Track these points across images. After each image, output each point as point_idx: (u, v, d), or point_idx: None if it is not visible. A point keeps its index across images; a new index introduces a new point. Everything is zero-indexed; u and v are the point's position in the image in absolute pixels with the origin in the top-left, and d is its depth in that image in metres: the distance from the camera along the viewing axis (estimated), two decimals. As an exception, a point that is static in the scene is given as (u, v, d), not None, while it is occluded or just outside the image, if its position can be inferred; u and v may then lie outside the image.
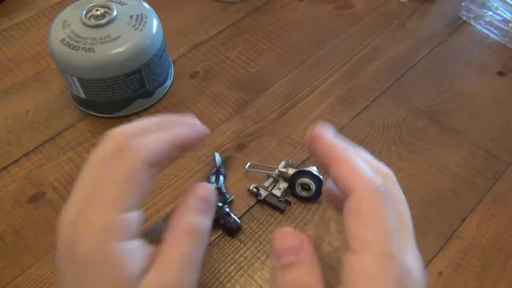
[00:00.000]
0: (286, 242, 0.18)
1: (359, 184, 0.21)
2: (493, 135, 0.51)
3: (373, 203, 0.21)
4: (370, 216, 0.21)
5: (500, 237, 0.43)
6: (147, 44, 0.50)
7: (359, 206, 0.21)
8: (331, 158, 0.23)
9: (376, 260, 0.20)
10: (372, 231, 0.20)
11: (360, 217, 0.21)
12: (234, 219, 0.44)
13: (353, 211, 0.21)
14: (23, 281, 0.42)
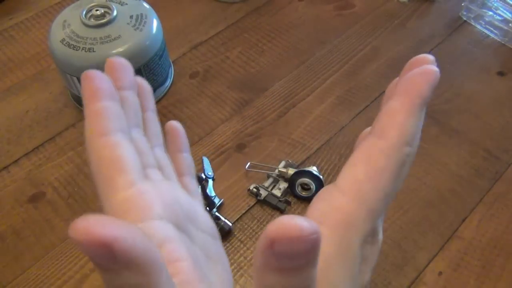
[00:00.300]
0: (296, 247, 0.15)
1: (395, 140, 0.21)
2: (493, 135, 0.51)
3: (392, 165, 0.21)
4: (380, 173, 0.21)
5: (500, 237, 0.43)
6: (147, 44, 0.50)
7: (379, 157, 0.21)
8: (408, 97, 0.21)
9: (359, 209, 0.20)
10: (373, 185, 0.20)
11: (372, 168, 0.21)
12: (225, 222, 0.44)
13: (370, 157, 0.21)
14: (23, 281, 0.42)
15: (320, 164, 0.49)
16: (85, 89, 0.22)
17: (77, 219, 0.14)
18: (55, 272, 0.42)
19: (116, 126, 0.22)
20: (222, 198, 0.46)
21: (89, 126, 0.22)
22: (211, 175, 0.47)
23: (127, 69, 0.25)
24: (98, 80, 0.22)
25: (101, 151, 0.21)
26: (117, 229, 0.14)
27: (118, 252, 0.14)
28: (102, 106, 0.22)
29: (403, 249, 0.43)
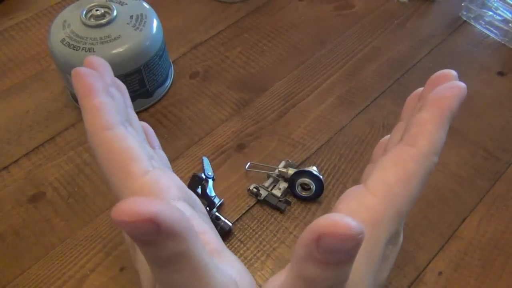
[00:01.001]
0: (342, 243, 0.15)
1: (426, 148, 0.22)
2: (493, 135, 0.51)
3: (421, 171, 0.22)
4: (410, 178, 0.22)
5: (500, 237, 0.43)
6: (147, 44, 0.50)
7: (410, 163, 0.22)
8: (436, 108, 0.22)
9: (387, 209, 0.21)
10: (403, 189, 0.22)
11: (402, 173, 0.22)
12: (225, 222, 0.44)
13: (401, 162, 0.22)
14: (23, 281, 0.42)
15: (320, 164, 0.49)
16: (79, 86, 0.23)
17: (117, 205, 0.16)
18: (55, 272, 0.42)
19: (118, 120, 0.23)
20: (222, 198, 0.46)
21: (92, 121, 0.22)
22: (211, 175, 0.47)
23: (107, 67, 0.27)
24: (91, 77, 0.23)
25: (111, 144, 0.22)
26: (157, 205, 0.16)
27: (162, 224, 0.16)
28: (101, 101, 0.23)
29: (403, 249, 0.43)
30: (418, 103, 0.25)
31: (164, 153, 0.32)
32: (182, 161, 0.50)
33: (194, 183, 0.43)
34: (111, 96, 0.24)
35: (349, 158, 0.49)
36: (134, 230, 0.16)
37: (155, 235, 0.16)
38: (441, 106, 0.22)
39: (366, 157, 0.49)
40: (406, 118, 0.26)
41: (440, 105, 0.22)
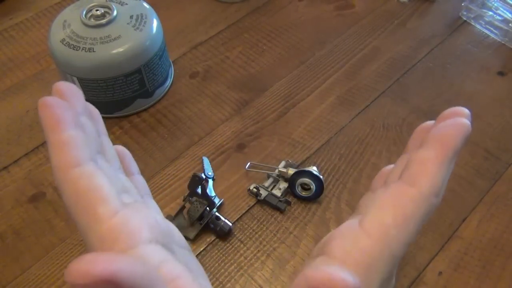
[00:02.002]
0: None
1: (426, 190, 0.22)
2: (493, 135, 0.51)
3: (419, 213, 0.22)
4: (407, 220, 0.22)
5: (500, 237, 0.43)
6: (147, 44, 0.50)
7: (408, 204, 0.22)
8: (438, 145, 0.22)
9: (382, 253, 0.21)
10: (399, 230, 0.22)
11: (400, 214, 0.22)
12: (225, 222, 0.44)
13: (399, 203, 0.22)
14: (23, 281, 0.42)
15: (320, 164, 0.49)
16: (46, 118, 0.21)
17: (70, 264, 0.14)
18: (55, 272, 0.42)
19: (86, 155, 0.21)
20: (222, 198, 0.46)
21: (58, 158, 0.21)
22: (211, 175, 0.47)
23: (79, 94, 0.24)
24: (59, 108, 0.21)
25: (77, 183, 0.21)
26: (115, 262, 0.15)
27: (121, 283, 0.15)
28: (68, 136, 0.21)
29: (403, 249, 0.43)
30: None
31: (142, 178, 0.30)
32: (182, 161, 0.50)
33: (194, 183, 0.43)
34: (82, 127, 0.23)
35: (349, 158, 0.49)
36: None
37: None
38: (444, 144, 0.21)
39: (366, 157, 0.50)
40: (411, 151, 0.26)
41: (443, 143, 0.21)
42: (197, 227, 0.44)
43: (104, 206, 0.20)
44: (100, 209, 0.20)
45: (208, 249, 0.43)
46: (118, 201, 0.21)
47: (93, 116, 0.26)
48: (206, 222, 0.44)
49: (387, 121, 0.53)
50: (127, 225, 0.20)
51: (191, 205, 0.44)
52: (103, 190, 0.21)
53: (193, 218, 0.44)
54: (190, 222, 0.44)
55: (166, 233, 0.23)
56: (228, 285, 0.41)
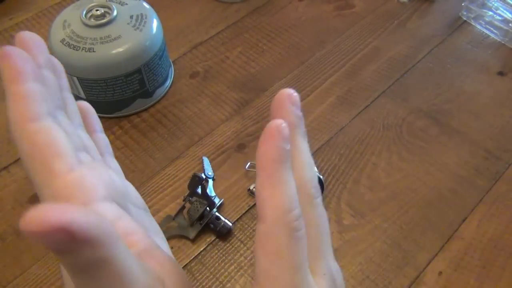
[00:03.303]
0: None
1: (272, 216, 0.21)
2: (493, 135, 0.51)
3: (282, 239, 0.21)
4: (277, 253, 0.21)
5: (500, 237, 0.43)
6: (147, 44, 0.50)
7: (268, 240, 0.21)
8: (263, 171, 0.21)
9: None
10: (277, 268, 0.20)
11: (267, 252, 0.21)
12: (225, 222, 0.44)
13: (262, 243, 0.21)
14: (23, 281, 0.42)
15: (320, 164, 0.49)
16: (5, 69, 0.21)
17: (26, 212, 0.15)
18: (55, 272, 0.42)
19: (45, 110, 0.21)
20: (222, 198, 0.46)
21: (16, 111, 0.21)
22: (211, 175, 0.47)
23: (42, 46, 0.24)
24: (20, 59, 0.21)
25: (33, 137, 0.20)
26: (70, 212, 0.15)
27: (77, 232, 0.15)
28: (28, 89, 0.21)
29: (403, 249, 0.43)
30: None
31: (105, 136, 0.30)
32: (182, 161, 0.50)
33: (194, 183, 0.43)
34: (43, 80, 0.22)
35: (349, 158, 0.49)
36: (46, 240, 0.15)
37: (70, 244, 0.15)
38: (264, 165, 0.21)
39: (366, 157, 0.50)
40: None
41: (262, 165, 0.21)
42: (197, 227, 0.44)
43: (60, 162, 0.20)
44: (56, 164, 0.20)
45: (208, 249, 0.43)
46: (74, 157, 0.21)
47: (56, 70, 0.26)
48: (206, 222, 0.44)
49: (387, 121, 0.53)
50: (83, 182, 0.20)
51: (191, 205, 0.44)
52: (59, 145, 0.21)
53: (193, 218, 0.44)
54: (190, 222, 0.44)
55: (122, 192, 0.24)
56: (228, 285, 0.41)
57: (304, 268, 0.21)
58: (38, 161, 0.20)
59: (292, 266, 0.21)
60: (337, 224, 0.45)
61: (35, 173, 0.20)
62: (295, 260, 0.21)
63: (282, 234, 0.21)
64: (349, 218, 0.45)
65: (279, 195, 0.21)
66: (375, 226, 0.44)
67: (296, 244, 0.21)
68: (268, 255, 0.21)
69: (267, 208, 0.21)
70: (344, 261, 0.42)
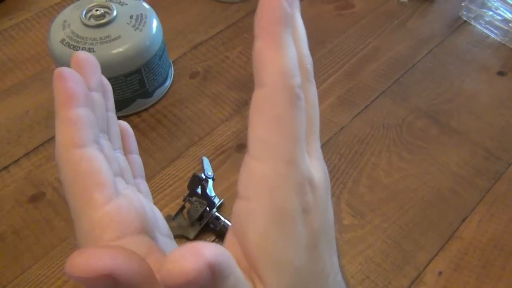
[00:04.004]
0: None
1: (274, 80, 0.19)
2: (493, 135, 0.51)
3: (283, 105, 0.19)
4: (277, 119, 0.19)
5: (500, 237, 0.43)
6: (147, 44, 0.50)
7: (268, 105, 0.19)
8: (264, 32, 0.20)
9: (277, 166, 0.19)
10: (276, 135, 0.19)
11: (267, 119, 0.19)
12: (225, 222, 0.44)
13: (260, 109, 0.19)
14: (23, 281, 0.42)
15: (320, 164, 0.49)
16: (59, 91, 0.21)
17: (72, 256, 0.15)
18: (55, 272, 0.42)
19: (91, 137, 0.21)
20: (222, 198, 0.46)
21: (63, 136, 0.21)
22: (211, 175, 0.47)
23: (95, 67, 0.24)
24: (73, 83, 0.21)
25: (77, 164, 0.21)
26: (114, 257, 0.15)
27: (119, 277, 0.15)
28: (77, 114, 0.21)
29: (403, 249, 0.43)
30: None
31: (139, 158, 0.30)
32: (182, 161, 0.50)
33: (194, 183, 0.43)
34: (92, 104, 0.22)
35: (349, 158, 0.49)
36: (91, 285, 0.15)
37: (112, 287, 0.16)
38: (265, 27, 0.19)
39: (366, 157, 0.50)
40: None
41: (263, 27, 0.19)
42: (197, 227, 0.44)
43: (100, 192, 0.20)
44: (96, 195, 0.20)
45: (208, 249, 0.43)
46: (113, 188, 0.21)
47: (105, 90, 0.26)
48: (206, 222, 0.44)
49: (387, 121, 0.53)
50: (119, 214, 0.21)
51: (191, 205, 0.44)
52: (101, 175, 0.21)
53: (193, 218, 0.44)
54: (190, 222, 0.44)
55: (152, 221, 0.24)
56: (228, 285, 0.41)
57: (303, 142, 0.20)
58: (79, 188, 0.21)
59: (292, 135, 0.19)
60: (337, 224, 0.45)
61: (74, 199, 0.21)
62: (295, 130, 0.19)
63: (283, 100, 0.19)
64: (349, 218, 0.45)
65: (282, 58, 0.19)
66: (375, 226, 0.44)
67: (297, 113, 0.19)
68: (266, 121, 0.19)
69: (268, 71, 0.19)
70: (344, 261, 0.42)
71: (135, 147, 0.30)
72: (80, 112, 0.21)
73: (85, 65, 0.24)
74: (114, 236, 0.20)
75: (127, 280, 0.16)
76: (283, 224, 0.19)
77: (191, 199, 0.44)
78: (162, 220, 0.26)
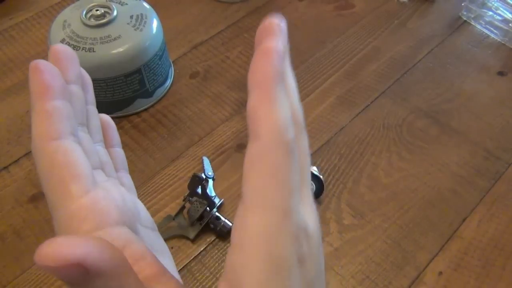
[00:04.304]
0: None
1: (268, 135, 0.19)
2: (493, 135, 0.51)
3: (278, 158, 0.19)
4: (272, 171, 0.19)
5: (500, 237, 0.43)
6: (147, 44, 0.50)
7: (263, 158, 0.19)
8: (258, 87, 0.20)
9: (273, 217, 0.19)
10: (272, 187, 0.19)
11: (262, 171, 0.19)
12: (225, 222, 0.44)
13: (255, 162, 0.19)
14: (23, 281, 0.42)
15: (320, 164, 0.49)
16: (34, 84, 0.21)
17: (41, 246, 0.15)
18: (55, 272, 0.42)
19: (67, 129, 0.21)
20: (222, 198, 0.46)
21: (39, 128, 0.21)
22: (211, 175, 0.47)
23: (74, 60, 0.24)
24: (49, 75, 0.21)
25: (53, 156, 0.20)
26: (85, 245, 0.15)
27: (90, 266, 0.15)
28: (53, 106, 0.21)
29: (403, 249, 0.43)
30: None
31: (122, 151, 0.30)
32: (182, 161, 0.50)
33: (194, 183, 0.43)
34: (70, 96, 0.22)
35: (349, 158, 0.49)
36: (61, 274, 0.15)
37: (83, 277, 0.15)
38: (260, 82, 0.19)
39: (366, 157, 0.50)
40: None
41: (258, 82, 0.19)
42: (197, 227, 0.44)
43: (77, 184, 0.20)
44: (72, 186, 0.20)
45: (208, 249, 0.43)
46: (91, 180, 0.21)
47: (84, 83, 0.26)
48: (206, 222, 0.44)
49: (387, 121, 0.53)
50: (96, 205, 0.21)
51: (191, 205, 0.44)
52: (77, 167, 0.21)
53: (193, 218, 0.44)
54: (190, 222, 0.44)
55: (133, 213, 0.24)
56: (228, 285, 0.41)
57: (298, 192, 0.20)
58: (55, 181, 0.20)
59: (287, 187, 0.19)
60: (337, 224, 0.45)
61: (51, 192, 0.21)
62: (291, 181, 0.19)
63: (279, 153, 0.19)
64: (349, 218, 0.45)
65: (277, 112, 0.19)
66: (375, 226, 0.44)
67: (292, 166, 0.19)
68: (262, 173, 0.19)
69: (263, 126, 0.19)
70: (344, 261, 0.42)
71: (117, 140, 0.29)
72: (56, 104, 0.21)
73: (62, 58, 0.23)
74: (91, 227, 0.20)
75: (98, 269, 0.16)
76: (280, 277, 0.19)
77: (191, 199, 0.44)
78: (145, 212, 0.26)
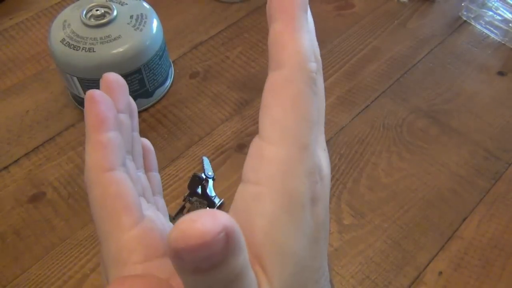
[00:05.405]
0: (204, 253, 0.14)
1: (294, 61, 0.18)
2: (494, 135, 0.51)
3: (302, 87, 0.19)
4: (295, 100, 0.18)
5: (500, 237, 0.43)
6: (147, 44, 0.50)
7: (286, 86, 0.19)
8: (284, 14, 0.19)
9: (291, 150, 0.18)
10: (293, 117, 0.18)
11: (284, 99, 0.19)
12: None
13: (277, 90, 0.19)
14: (23, 281, 0.42)
15: (320, 164, 0.49)
16: (90, 115, 0.22)
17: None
18: (55, 272, 0.42)
19: (119, 160, 0.22)
20: (222, 198, 0.46)
21: (94, 159, 0.22)
22: (211, 175, 0.47)
23: (124, 89, 0.25)
24: (104, 106, 0.22)
25: (107, 188, 0.21)
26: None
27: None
28: (107, 138, 0.22)
29: (403, 249, 0.43)
30: None
31: (158, 175, 0.30)
32: (182, 161, 0.50)
33: (194, 183, 0.43)
34: (121, 126, 0.23)
35: (349, 158, 0.49)
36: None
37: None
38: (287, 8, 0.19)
39: (366, 157, 0.50)
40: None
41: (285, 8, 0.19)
42: (197, 227, 0.44)
43: (128, 215, 0.21)
44: (124, 218, 0.21)
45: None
46: (140, 211, 0.22)
47: (131, 110, 0.26)
48: None
49: (387, 121, 0.53)
50: (145, 237, 0.21)
51: (191, 205, 0.44)
52: (128, 198, 0.21)
53: (193, 218, 0.43)
54: (190, 222, 0.44)
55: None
56: (228, 285, 0.41)
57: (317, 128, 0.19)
58: (108, 211, 0.21)
59: (308, 119, 0.19)
60: (337, 224, 0.45)
61: (103, 222, 0.21)
62: (312, 114, 0.19)
63: (302, 82, 0.18)
64: (349, 218, 0.45)
65: (302, 40, 0.19)
66: (375, 226, 0.44)
67: (313, 98, 0.19)
68: (284, 102, 0.18)
69: (287, 53, 0.19)
70: (344, 261, 0.42)
71: (155, 165, 0.30)
72: (110, 136, 0.22)
73: (115, 88, 0.24)
74: (140, 259, 0.20)
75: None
76: (293, 212, 0.18)
77: (191, 199, 0.44)
78: None
